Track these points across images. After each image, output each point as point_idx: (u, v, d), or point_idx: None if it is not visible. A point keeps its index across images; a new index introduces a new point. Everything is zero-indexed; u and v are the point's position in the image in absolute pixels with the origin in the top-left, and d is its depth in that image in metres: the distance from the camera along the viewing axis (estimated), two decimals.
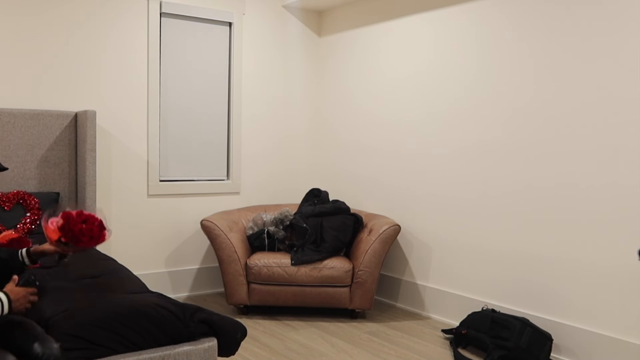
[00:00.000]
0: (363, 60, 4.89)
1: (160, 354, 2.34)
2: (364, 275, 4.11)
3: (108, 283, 2.83)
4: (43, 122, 4.05)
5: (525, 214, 3.67)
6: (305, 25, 5.31)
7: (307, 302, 4.17)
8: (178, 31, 4.70)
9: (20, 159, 3.98)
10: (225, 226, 4.31)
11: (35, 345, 1.94)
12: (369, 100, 4.79)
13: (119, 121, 4.45)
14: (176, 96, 4.73)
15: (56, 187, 4.10)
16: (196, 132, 4.83)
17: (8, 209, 3.75)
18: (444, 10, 4.18)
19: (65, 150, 4.14)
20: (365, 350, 3.63)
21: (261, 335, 3.87)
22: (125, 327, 2.30)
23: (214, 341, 2.49)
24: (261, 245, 4.39)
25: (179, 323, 2.42)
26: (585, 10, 3.34)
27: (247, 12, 4.97)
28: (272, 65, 5.15)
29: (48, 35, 4.15)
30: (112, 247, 4.43)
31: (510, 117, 3.76)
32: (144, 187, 4.59)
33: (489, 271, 3.87)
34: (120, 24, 4.41)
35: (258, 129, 5.10)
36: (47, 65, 4.16)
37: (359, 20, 4.93)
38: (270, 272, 4.13)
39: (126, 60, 4.46)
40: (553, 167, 3.53)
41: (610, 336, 3.25)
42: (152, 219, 4.64)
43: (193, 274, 4.86)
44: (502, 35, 3.80)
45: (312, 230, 4.31)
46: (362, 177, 4.90)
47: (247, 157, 5.06)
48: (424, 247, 4.36)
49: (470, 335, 3.64)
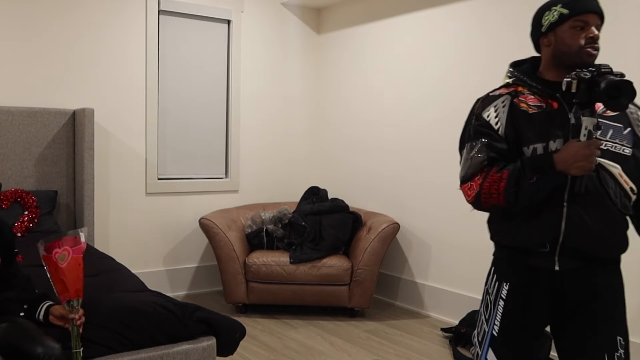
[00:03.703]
0: (362, 58, 4.88)
1: (159, 352, 2.33)
2: (363, 273, 4.11)
3: (106, 282, 2.82)
4: (41, 120, 4.03)
5: None
6: (304, 23, 5.29)
7: (306, 300, 4.16)
8: (176, 29, 4.68)
9: (18, 157, 3.96)
10: (224, 224, 4.29)
11: (36, 346, 1.93)
12: (368, 98, 4.77)
13: (117, 119, 4.43)
14: (174, 94, 4.71)
15: (54, 185, 4.08)
16: (194, 130, 4.82)
17: (6, 207, 3.73)
18: (443, 8, 4.17)
19: (63, 148, 4.12)
20: (364, 349, 3.62)
21: (260, 333, 3.86)
22: (124, 326, 2.29)
23: (212, 340, 2.48)
24: (260, 244, 4.38)
25: (177, 322, 2.41)
26: None
27: (245, 10, 4.96)
28: (270, 63, 5.14)
29: (46, 33, 4.13)
30: (110, 245, 4.42)
31: None
32: (142, 185, 4.58)
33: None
34: (118, 22, 4.40)
35: (257, 127, 5.09)
36: (45, 63, 4.14)
37: (357, 17, 4.92)
38: (269, 270, 4.12)
39: (124, 58, 4.44)
40: None
41: None
42: (150, 217, 4.62)
43: (191, 273, 4.85)
44: (504, 33, 3.79)
45: (311, 229, 4.31)
46: (361, 175, 4.89)
47: (245, 155, 5.04)
48: (423, 245, 4.36)
49: (469, 334, 3.63)
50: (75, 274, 2.09)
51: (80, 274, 2.12)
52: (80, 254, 2.12)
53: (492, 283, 1.91)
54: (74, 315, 2.07)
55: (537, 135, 1.76)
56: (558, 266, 1.77)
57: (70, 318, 2.07)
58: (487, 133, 1.82)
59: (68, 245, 2.10)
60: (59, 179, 4.11)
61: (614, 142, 1.75)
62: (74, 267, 2.09)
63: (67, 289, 2.07)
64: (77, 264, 2.10)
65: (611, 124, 1.77)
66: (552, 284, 1.79)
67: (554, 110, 1.77)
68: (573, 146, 1.66)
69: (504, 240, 1.89)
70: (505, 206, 1.76)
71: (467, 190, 1.84)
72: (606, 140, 1.74)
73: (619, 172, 1.74)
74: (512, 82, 1.89)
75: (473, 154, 1.83)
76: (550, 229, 1.74)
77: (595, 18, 1.77)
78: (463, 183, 1.86)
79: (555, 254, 1.76)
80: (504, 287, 1.86)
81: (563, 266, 1.77)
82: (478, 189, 1.79)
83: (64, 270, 2.07)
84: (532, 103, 1.80)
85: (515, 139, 1.79)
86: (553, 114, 1.77)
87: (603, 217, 1.74)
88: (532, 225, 1.77)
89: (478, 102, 1.92)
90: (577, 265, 1.77)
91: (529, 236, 1.78)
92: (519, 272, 1.83)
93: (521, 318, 1.83)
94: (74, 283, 2.08)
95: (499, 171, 1.75)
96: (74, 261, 2.09)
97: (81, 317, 2.09)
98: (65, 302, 2.09)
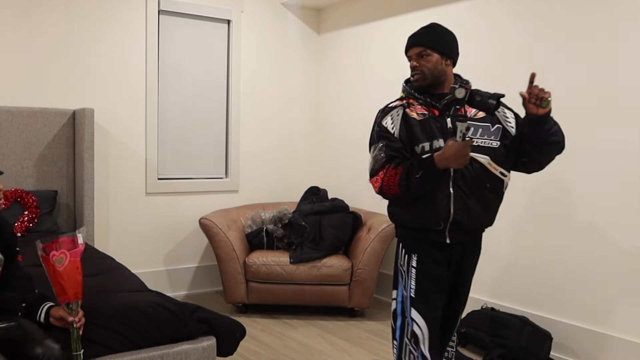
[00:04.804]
0: (362, 58, 4.88)
1: (159, 352, 2.33)
2: (363, 273, 4.11)
3: (106, 282, 2.82)
4: (41, 120, 4.03)
5: (525, 212, 3.66)
6: (304, 23, 5.29)
7: (305, 300, 4.16)
8: (176, 29, 4.68)
9: (18, 157, 3.96)
10: (224, 224, 4.29)
11: (36, 347, 1.93)
12: (368, 98, 4.77)
13: (117, 119, 4.43)
14: (174, 94, 4.71)
15: (54, 185, 4.08)
16: (194, 130, 4.81)
17: (6, 207, 3.72)
18: (443, 7, 4.17)
19: (63, 148, 4.12)
20: (364, 349, 3.62)
21: (260, 333, 3.86)
22: (124, 326, 2.29)
23: (212, 340, 2.48)
24: (260, 244, 4.38)
25: (177, 322, 2.42)
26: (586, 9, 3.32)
27: (245, 10, 4.96)
28: (270, 63, 5.14)
29: (46, 33, 4.13)
30: (110, 245, 4.41)
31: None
32: (142, 185, 4.58)
33: (488, 269, 3.86)
34: (118, 22, 4.39)
35: (257, 126, 5.09)
36: (45, 63, 4.14)
37: (357, 17, 4.92)
38: (269, 270, 4.11)
39: (124, 58, 4.44)
40: (552, 165, 3.52)
41: (610, 335, 3.25)
42: (150, 217, 4.62)
43: (191, 273, 4.85)
44: (504, 32, 3.79)
45: (311, 229, 4.30)
46: (361, 175, 4.88)
47: (245, 155, 5.04)
48: None
49: (469, 334, 3.63)
50: (73, 278, 2.08)
51: (79, 277, 2.10)
52: (78, 257, 2.11)
53: (402, 256, 2.38)
54: (73, 318, 2.06)
55: (424, 136, 2.25)
56: (449, 239, 2.29)
57: (70, 321, 2.06)
58: (386, 137, 2.28)
59: (65, 247, 2.09)
60: (59, 179, 4.11)
61: (483, 139, 2.26)
62: (72, 271, 2.07)
63: (66, 292, 2.06)
64: (74, 267, 2.08)
65: (480, 124, 2.28)
66: (445, 252, 2.32)
67: (436, 117, 2.27)
68: (452, 146, 2.11)
69: (408, 222, 2.36)
70: (401, 196, 2.24)
71: (374, 183, 2.29)
72: (477, 138, 2.24)
73: (488, 162, 2.25)
74: (405, 96, 2.37)
75: (376, 153, 2.28)
76: (442, 211, 2.24)
77: (414, 50, 2.31)
78: (371, 177, 2.31)
79: (446, 230, 2.27)
80: (413, 258, 2.34)
81: (453, 239, 2.29)
82: (381, 182, 2.25)
83: (62, 274, 2.05)
84: (420, 112, 2.30)
85: (408, 140, 2.26)
86: (435, 119, 2.27)
87: (479, 200, 2.26)
88: (429, 209, 2.25)
89: (379, 112, 2.38)
90: (462, 237, 2.32)
91: (428, 218, 2.26)
92: (422, 245, 2.32)
93: (429, 280, 2.32)
94: (72, 287, 2.07)
95: (395, 167, 2.22)
96: (72, 264, 2.07)
97: (81, 320, 2.09)
98: (64, 304, 2.08)
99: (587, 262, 3.35)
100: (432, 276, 2.32)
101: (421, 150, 2.23)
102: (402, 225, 2.41)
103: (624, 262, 3.20)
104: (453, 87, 2.17)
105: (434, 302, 2.32)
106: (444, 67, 2.30)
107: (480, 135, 2.25)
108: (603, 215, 3.27)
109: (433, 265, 2.31)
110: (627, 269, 3.19)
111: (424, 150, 2.23)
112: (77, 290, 2.09)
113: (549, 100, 2.16)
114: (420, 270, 2.31)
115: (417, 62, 2.30)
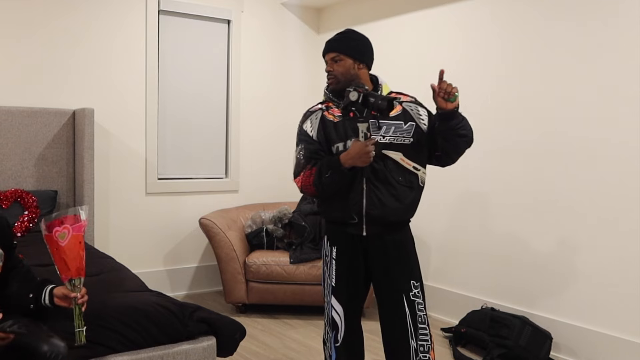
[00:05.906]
0: None
1: (159, 352, 2.34)
2: None
3: (107, 282, 2.82)
4: (41, 119, 4.03)
5: (525, 212, 3.66)
6: (304, 23, 5.29)
7: (305, 300, 4.16)
8: (176, 29, 4.68)
9: (18, 157, 3.96)
10: (224, 224, 4.29)
11: (42, 344, 1.93)
12: None
13: (117, 119, 4.43)
14: (174, 94, 4.71)
15: (54, 185, 4.08)
16: (194, 130, 4.81)
17: (6, 207, 3.73)
18: (443, 7, 4.17)
19: (63, 148, 4.12)
20: (364, 349, 3.62)
21: (260, 333, 3.86)
22: (125, 326, 2.29)
23: (212, 340, 2.48)
24: (260, 244, 4.38)
25: (177, 322, 2.42)
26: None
27: (245, 10, 4.96)
28: (270, 63, 5.14)
29: (46, 33, 4.13)
30: (110, 245, 4.41)
31: (510, 117, 3.75)
32: (142, 185, 4.58)
33: (488, 270, 3.87)
34: (118, 22, 4.39)
35: (257, 126, 5.09)
36: (45, 62, 4.14)
37: (357, 17, 4.92)
38: (269, 270, 4.12)
39: (124, 58, 4.44)
40: (553, 166, 3.52)
41: (610, 335, 3.25)
42: (150, 217, 4.62)
43: (192, 273, 4.85)
44: (504, 32, 3.79)
45: (311, 229, 4.30)
46: None
47: (245, 155, 5.04)
48: (423, 245, 4.35)
49: (469, 334, 3.64)
50: (75, 252, 2.11)
51: (82, 251, 2.13)
52: (80, 231, 2.14)
53: (327, 247, 2.52)
54: (75, 294, 2.08)
55: (338, 137, 2.39)
56: (365, 232, 2.39)
57: (72, 297, 2.08)
58: (305, 139, 2.44)
59: (68, 223, 2.13)
60: (59, 179, 4.11)
61: (396, 136, 2.37)
62: (75, 245, 2.11)
63: (68, 268, 2.09)
64: (77, 242, 2.12)
65: (393, 122, 2.38)
66: (363, 245, 2.43)
67: (350, 119, 2.38)
68: (355, 146, 2.26)
69: (329, 217, 2.50)
70: (318, 194, 2.40)
71: (297, 183, 2.44)
72: (389, 136, 2.36)
73: (401, 157, 2.37)
74: (325, 99, 2.52)
75: (298, 155, 2.44)
76: (355, 206, 2.36)
77: (329, 55, 2.46)
78: (295, 177, 2.45)
79: (362, 223, 2.38)
80: (334, 250, 2.47)
81: (369, 231, 2.39)
82: (301, 181, 2.40)
83: (65, 249, 2.09)
84: (336, 114, 2.43)
85: (325, 140, 2.41)
86: (349, 121, 2.38)
87: (390, 193, 2.37)
88: (343, 204, 2.38)
89: (302, 116, 2.53)
90: (378, 230, 2.40)
91: (342, 212, 2.39)
92: (341, 238, 2.46)
93: (347, 271, 2.46)
94: (74, 261, 2.10)
95: (311, 168, 2.38)
96: (74, 239, 2.11)
97: (84, 296, 2.11)
98: (67, 281, 2.10)
99: (587, 262, 3.35)
100: (350, 267, 2.46)
101: (336, 150, 2.38)
102: (326, 220, 2.56)
103: (624, 262, 3.20)
104: (348, 90, 2.29)
105: (351, 291, 2.48)
106: (356, 71, 2.44)
107: (392, 133, 2.36)
108: (603, 215, 3.27)
109: (350, 257, 2.45)
110: (627, 268, 3.19)
111: (338, 150, 2.38)
112: (79, 265, 2.12)
113: (457, 95, 2.29)
114: (340, 262, 2.46)
115: (331, 67, 2.45)
